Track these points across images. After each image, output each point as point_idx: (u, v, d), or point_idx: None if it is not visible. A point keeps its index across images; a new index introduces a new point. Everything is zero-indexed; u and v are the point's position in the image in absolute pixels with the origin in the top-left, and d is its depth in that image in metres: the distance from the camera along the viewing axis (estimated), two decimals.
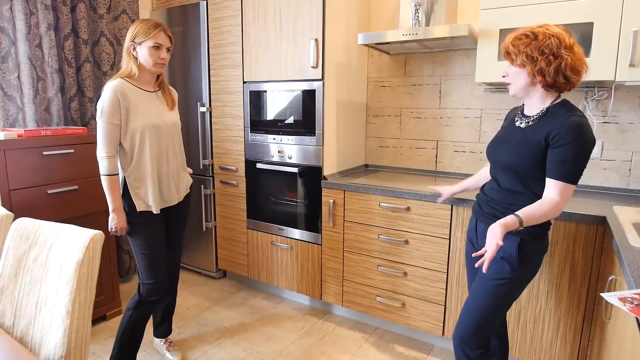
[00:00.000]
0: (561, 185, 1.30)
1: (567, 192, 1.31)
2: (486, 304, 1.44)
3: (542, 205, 1.32)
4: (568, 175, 1.30)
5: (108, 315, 2.49)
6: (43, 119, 2.47)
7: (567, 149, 1.28)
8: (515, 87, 1.40)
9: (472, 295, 1.49)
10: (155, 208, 1.82)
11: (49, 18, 2.41)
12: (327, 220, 2.42)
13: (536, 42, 1.30)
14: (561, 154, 1.29)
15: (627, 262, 1.17)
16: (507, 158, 1.42)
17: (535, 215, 1.31)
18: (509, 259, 1.40)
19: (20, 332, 1.25)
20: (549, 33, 1.30)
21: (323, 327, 2.46)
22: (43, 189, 2.13)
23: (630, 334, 1.08)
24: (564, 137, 1.28)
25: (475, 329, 1.46)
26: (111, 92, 1.70)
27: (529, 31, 1.33)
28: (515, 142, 1.41)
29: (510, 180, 1.43)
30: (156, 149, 1.82)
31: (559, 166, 1.30)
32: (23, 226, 1.35)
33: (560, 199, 1.31)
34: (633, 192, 2.11)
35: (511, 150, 1.41)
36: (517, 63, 1.35)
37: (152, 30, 1.73)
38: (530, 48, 1.30)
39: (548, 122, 1.34)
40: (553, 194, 1.32)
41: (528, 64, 1.32)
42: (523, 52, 1.32)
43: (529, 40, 1.31)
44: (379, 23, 2.72)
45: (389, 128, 2.79)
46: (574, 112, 1.31)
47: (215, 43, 2.74)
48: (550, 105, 1.37)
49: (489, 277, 1.43)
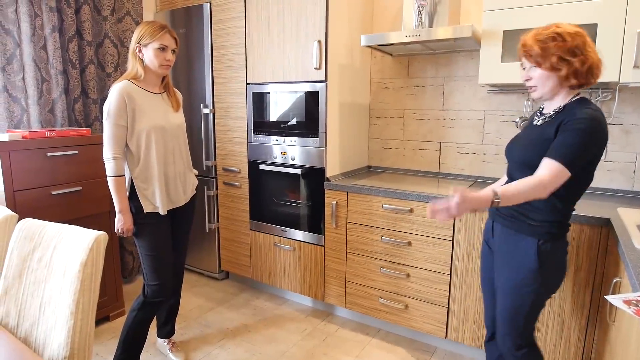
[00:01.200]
0: (553, 164, 1.25)
1: (557, 174, 1.25)
2: (516, 307, 1.41)
3: (524, 182, 1.26)
4: (564, 156, 1.25)
5: (111, 316, 2.49)
6: (47, 120, 2.48)
7: (570, 133, 1.26)
8: (542, 91, 1.36)
9: (500, 303, 1.46)
10: (162, 209, 1.83)
11: (53, 20, 2.42)
12: (330, 221, 2.42)
13: (565, 44, 1.27)
14: (563, 137, 1.27)
15: (631, 265, 1.16)
16: (521, 154, 1.41)
17: (513, 191, 1.24)
18: (525, 263, 1.38)
19: (24, 333, 1.25)
20: (571, 32, 1.27)
21: (326, 328, 2.46)
22: (47, 189, 2.14)
23: (635, 336, 1.07)
24: (570, 124, 1.26)
25: (511, 331, 1.44)
26: (117, 94, 1.71)
27: (554, 32, 1.29)
28: (531, 139, 1.40)
29: (525, 176, 1.38)
30: (162, 151, 1.82)
31: (557, 147, 1.27)
32: (27, 227, 1.35)
33: (546, 177, 1.24)
34: (638, 193, 2.10)
35: (526, 147, 1.40)
36: (546, 66, 1.31)
37: (158, 32, 1.74)
38: (563, 50, 1.27)
39: (562, 116, 1.33)
40: (540, 171, 1.27)
41: (563, 66, 1.28)
42: (555, 55, 1.28)
43: (558, 42, 1.27)
44: (382, 24, 2.72)
45: (391, 129, 2.78)
46: (589, 106, 1.30)
47: (219, 45, 2.75)
48: (568, 102, 1.35)
49: (514, 284, 1.40)
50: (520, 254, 1.40)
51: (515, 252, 1.41)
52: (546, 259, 1.36)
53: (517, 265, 1.40)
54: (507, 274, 1.43)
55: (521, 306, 1.41)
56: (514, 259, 1.42)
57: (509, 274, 1.43)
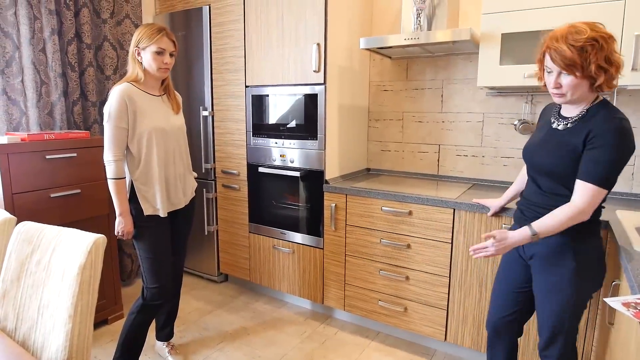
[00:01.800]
0: (589, 187, 1.24)
1: (594, 196, 1.24)
2: (560, 309, 1.38)
3: (560, 213, 1.27)
4: (599, 177, 1.23)
5: (110, 319, 2.48)
6: (46, 123, 2.48)
7: (602, 150, 1.22)
8: (570, 97, 1.29)
9: (544, 308, 1.43)
10: (162, 211, 1.83)
11: (52, 23, 2.42)
12: (329, 224, 2.42)
13: (602, 52, 1.20)
14: (595, 155, 1.23)
15: (630, 267, 1.16)
16: (545, 162, 1.37)
17: (550, 224, 1.27)
18: (560, 264, 1.36)
19: (23, 336, 1.25)
20: (606, 37, 1.20)
21: (325, 331, 2.45)
22: (46, 192, 2.14)
23: (634, 338, 1.07)
24: (601, 139, 1.22)
25: (552, 337, 1.42)
26: (118, 96, 1.71)
27: (591, 38, 1.20)
28: (552, 145, 1.36)
29: (551, 183, 1.38)
30: (163, 153, 1.82)
31: (590, 167, 1.23)
32: (26, 230, 1.35)
33: (583, 203, 1.24)
34: (636, 196, 2.11)
35: (549, 154, 1.36)
36: (581, 75, 1.22)
37: (155, 35, 1.74)
38: (601, 58, 1.20)
39: (587, 124, 1.27)
40: (576, 197, 1.26)
41: (601, 74, 1.21)
42: (594, 64, 1.20)
43: (596, 50, 1.20)
44: (381, 27, 2.73)
45: (390, 132, 2.79)
46: (615, 114, 1.25)
47: (218, 47, 2.75)
48: (590, 105, 1.31)
49: (551, 289, 1.39)
50: (555, 255, 1.37)
51: (549, 255, 1.39)
52: (581, 256, 1.34)
53: (554, 266, 1.38)
54: (547, 277, 1.40)
55: (565, 307, 1.37)
56: (549, 261, 1.39)
57: (547, 277, 1.40)
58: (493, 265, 1.95)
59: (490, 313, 1.64)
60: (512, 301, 1.57)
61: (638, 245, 1.32)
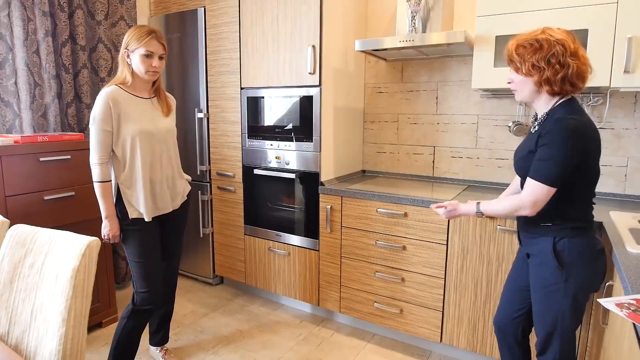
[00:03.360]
0: (532, 183, 1.31)
1: (537, 192, 1.30)
2: (548, 309, 1.39)
3: (506, 201, 1.39)
4: (541, 174, 1.29)
5: (104, 322, 2.47)
6: (40, 125, 2.46)
7: (545, 149, 1.29)
8: (521, 95, 1.40)
9: (535, 310, 1.44)
10: (147, 216, 1.81)
11: (46, 24, 2.41)
12: (325, 226, 2.42)
13: (541, 52, 1.28)
14: (540, 153, 1.30)
15: (623, 268, 1.17)
16: (519, 165, 1.44)
17: (494, 208, 1.43)
18: (547, 262, 1.38)
19: (15, 340, 1.23)
20: (553, 40, 1.28)
21: (321, 333, 2.45)
22: (39, 195, 2.12)
23: (627, 339, 1.08)
24: (547, 137, 1.28)
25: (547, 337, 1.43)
26: (103, 99, 1.70)
27: (533, 39, 1.31)
28: (526, 148, 1.41)
29: None
30: (149, 156, 1.80)
31: (535, 165, 1.31)
32: (19, 233, 1.34)
33: (526, 196, 1.32)
34: (629, 197, 2.12)
35: (521, 157, 1.42)
36: (522, 72, 1.34)
37: (144, 37, 1.72)
38: (536, 57, 1.29)
39: (544, 125, 1.33)
40: (523, 191, 1.34)
41: (535, 73, 1.31)
42: (529, 61, 1.31)
43: (534, 49, 1.29)
44: (376, 30, 2.73)
45: (386, 134, 2.79)
46: (569, 114, 1.29)
47: (213, 49, 2.75)
48: (552, 107, 1.35)
49: (541, 286, 1.41)
50: (541, 254, 1.40)
51: (537, 254, 1.42)
52: (566, 256, 1.35)
53: (540, 266, 1.40)
54: (540, 276, 1.42)
55: (557, 307, 1.38)
56: (536, 261, 1.42)
57: (540, 276, 1.42)
58: (488, 266, 1.95)
59: (499, 311, 1.65)
60: (518, 299, 1.58)
61: (631, 246, 1.33)
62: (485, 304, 1.99)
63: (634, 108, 2.08)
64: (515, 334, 1.61)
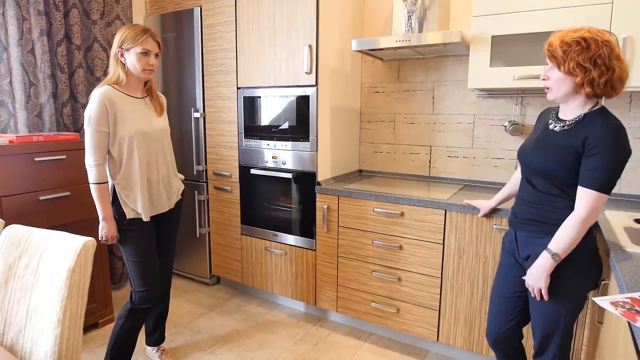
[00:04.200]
0: (590, 193, 1.27)
1: (596, 202, 1.27)
2: (556, 310, 1.39)
3: (569, 228, 1.30)
4: (599, 183, 1.26)
5: (100, 322, 2.46)
6: (35, 125, 2.45)
7: (600, 157, 1.25)
8: (556, 93, 1.35)
9: (539, 312, 1.44)
10: (145, 215, 1.81)
11: (41, 23, 2.40)
12: (321, 225, 2.42)
13: (588, 52, 1.24)
14: (594, 162, 1.26)
15: (618, 267, 1.18)
16: (541, 163, 1.39)
17: (566, 242, 1.31)
18: None
19: (10, 341, 1.23)
20: (600, 41, 1.24)
21: (318, 333, 2.45)
22: (34, 195, 2.11)
23: (622, 337, 1.08)
24: (598, 145, 1.25)
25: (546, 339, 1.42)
26: (98, 99, 1.68)
27: (580, 37, 1.25)
28: (548, 146, 1.38)
29: (545, 183, 1.40)
30: (145, 156, 1.80)
31: (591, 174, 1.27)
32: (14, 233, 1.33)
33: (587, 210, 1.28)
34: (624, 196, 2.13)
35: (544, 155, 1.38)
36: (564, 70, 1.28)
37: (140, 36, 1.71)
38: (583, 57, 1.24)
39: (584, 129, 1.30)
40: (579, 206, 1.29)
41: (579, 73, 1.26)
42: (574, 60, 1.25)
43: (581, 47, 1.25)
44: (373, 29, 2.74)
45: (382, 133, 2.80)
46: (611, 120, 1.28)
47: (209, 49, 2.74)
48: (588, 111, 1.33)
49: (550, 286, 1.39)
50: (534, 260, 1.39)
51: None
52: (574, 255, 1.35)
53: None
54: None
55: (558, 306, 1.38)
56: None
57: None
58: (485, 265, 1.96)
59: (489, 323, 1.63)
60: (507, 308, 1.56)
61: (626, 244, 1.34)
62: (482, 303, 1.99)
63: (629, 108, 2.09)
64: (512, 343, 1.61)
